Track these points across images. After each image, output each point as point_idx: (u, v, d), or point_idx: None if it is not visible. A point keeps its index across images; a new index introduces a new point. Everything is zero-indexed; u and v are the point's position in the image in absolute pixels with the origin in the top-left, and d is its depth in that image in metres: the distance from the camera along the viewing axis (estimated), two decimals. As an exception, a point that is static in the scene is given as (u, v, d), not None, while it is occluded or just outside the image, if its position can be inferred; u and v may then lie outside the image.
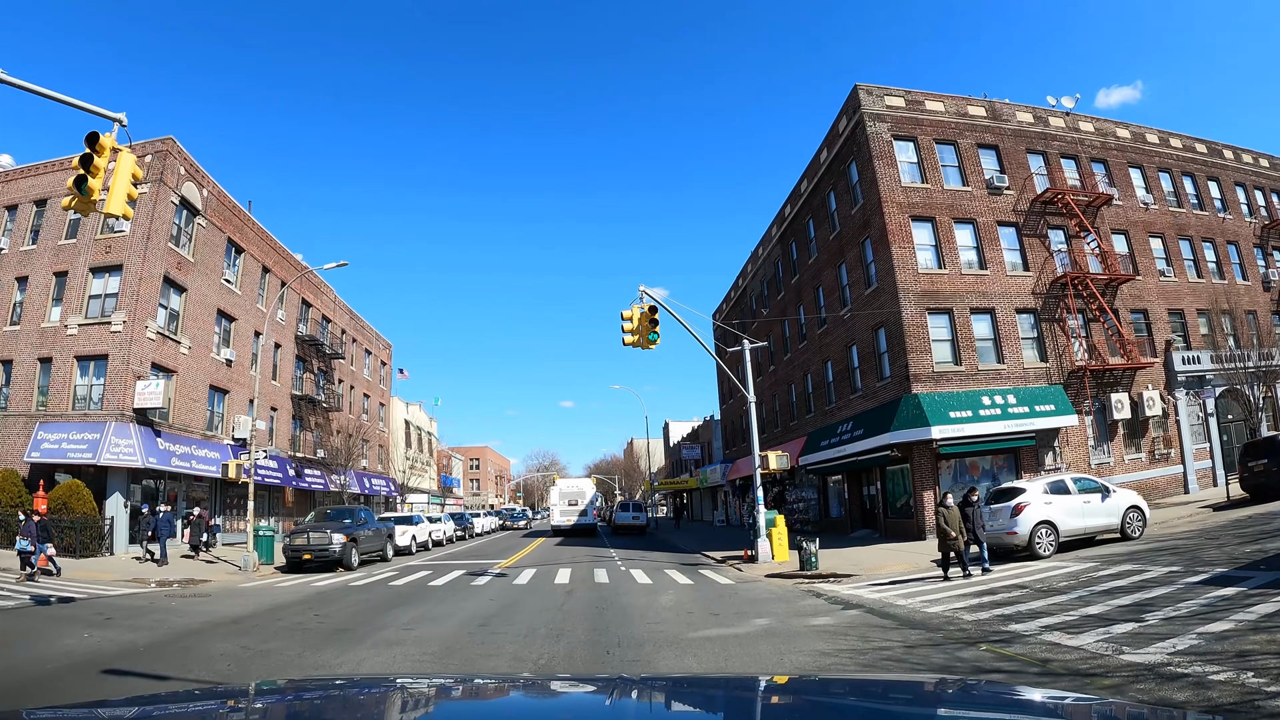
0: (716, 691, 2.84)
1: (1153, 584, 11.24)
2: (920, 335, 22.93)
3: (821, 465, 28.37)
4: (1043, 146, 27.14)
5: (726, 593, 15.27)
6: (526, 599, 14.73)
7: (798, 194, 32.10)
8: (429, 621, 12.10)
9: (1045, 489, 16.92)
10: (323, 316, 43.14)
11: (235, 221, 33.22)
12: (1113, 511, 17.33)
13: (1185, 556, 13.52)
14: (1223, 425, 27.87)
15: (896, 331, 23.20)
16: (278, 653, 9.58)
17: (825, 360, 29.76)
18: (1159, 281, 27.78)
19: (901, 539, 23.23)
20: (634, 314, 17.66)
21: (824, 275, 29.32)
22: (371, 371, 52.63)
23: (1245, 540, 14.36)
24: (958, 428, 21.80)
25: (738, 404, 43.89)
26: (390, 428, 56.04)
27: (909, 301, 23.09)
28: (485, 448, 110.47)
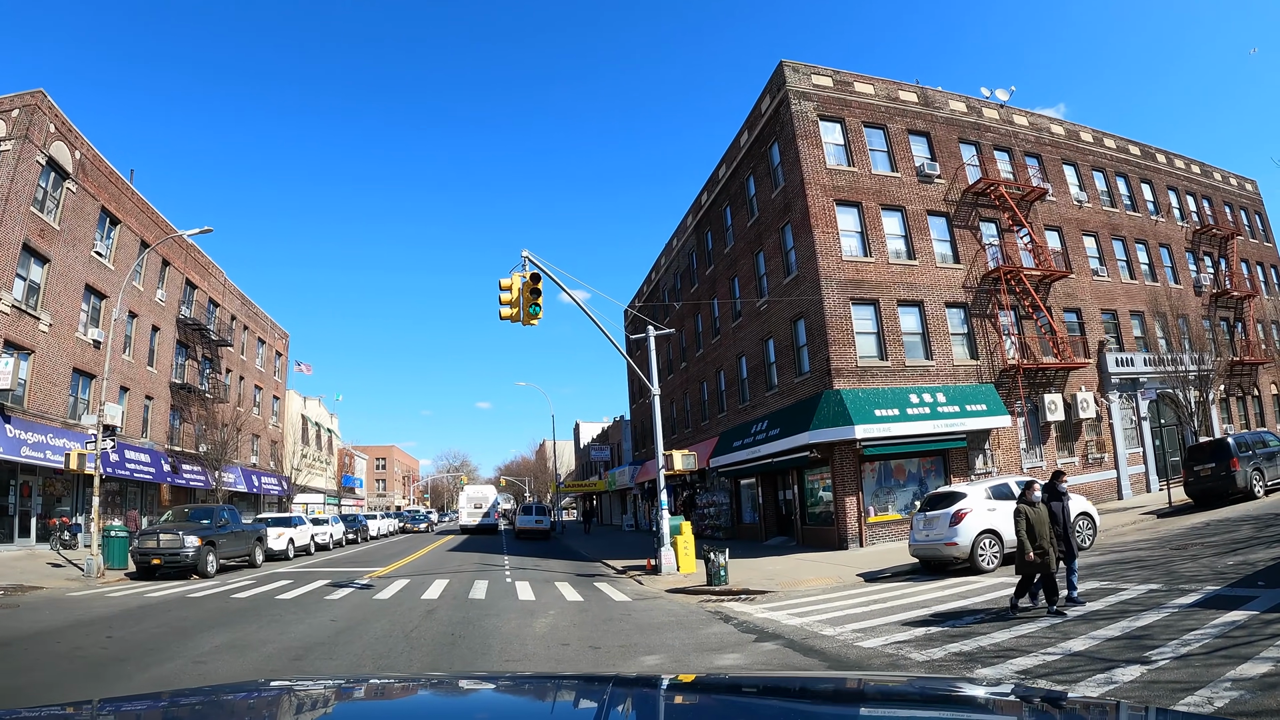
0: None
1: (1136, 608, 9.43)
2: (843, 327, 21.23)
3: (734, 467, 26.39)
4: (975, 137, 25.98)
5: (618, 614, 13.03)
6: (374, 620, 12.46)
7: (715, 180, 30.34)
8: (234, 651, 9.84)
9: (988, 494, 15.14)
10: (210, 300, 39.80)
11: (112, 190, 29.97)
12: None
13: (1158, 571, 11.87)
14: (1155, 430, 26.95)
15: (817, 322, 21.46)
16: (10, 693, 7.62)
17: (739, 355, 27.90)
18: (1092, 280, 26.79)
19: (820, 547, 21.37)
20: (513, 283, 15.39)
21: (740, 265, 27.54)
22: (265, 362, 49.21)
23: (1219, 550, 12.81)
24: (883, 427, 20.08)
25: (648, 403, 41.89)
26: (285, 423, 52.48)
27: (832, 290, 21.39)
28: (392, 447, 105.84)
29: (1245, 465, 19.55)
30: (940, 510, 15.01)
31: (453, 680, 3.57)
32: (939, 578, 14.58)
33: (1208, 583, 10.10)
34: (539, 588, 17.15)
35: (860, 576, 15.80)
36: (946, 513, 14.77)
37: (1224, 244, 32.63)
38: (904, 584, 14.44)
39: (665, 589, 16.66)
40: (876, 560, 17.75)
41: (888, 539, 20.70)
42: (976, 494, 15.11)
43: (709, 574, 16.44)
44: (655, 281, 40.64)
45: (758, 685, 2.92)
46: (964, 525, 14.48)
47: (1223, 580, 10.12)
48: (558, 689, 2.66)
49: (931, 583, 13.97)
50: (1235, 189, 35.84)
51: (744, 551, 22.65)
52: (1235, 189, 35.84)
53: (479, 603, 14.66)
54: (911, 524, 16.04)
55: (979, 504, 14.82)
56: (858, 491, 20.69)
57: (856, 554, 19.43)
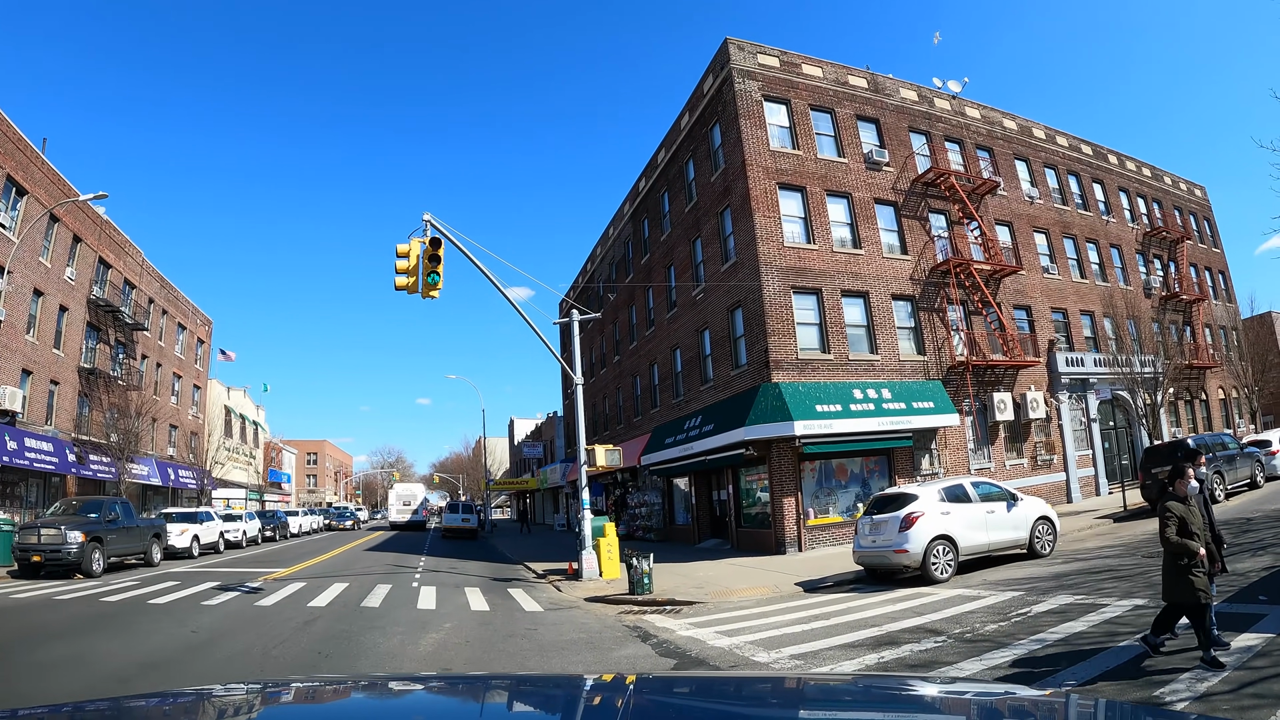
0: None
1: (1126, 628, 8.06)
2: (784, 317, 19.98)
3: (666, 465, 24.94)
4: (926, 126, 25.07)
5: (523, 628, 11.47)
6: (241, 633, 10.95)
7: (654, 166, 28.98)
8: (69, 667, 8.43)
9: (941, 496, 13.90)
10: (126, 281, 37.12)
11: (20, 158, 27.46)
12: (1020, 523, 14.47)
13: (1138, 583, 10.54)
14: (1104, 432, 26.28)
15: (756, 312, 20.17)
16: None
17: (673, 348, 26.51)
18: (1043, 278, 26.05)
19: (756, 552, 20.04)
20: (411, 249, 13.71)
21: (676, 253, 26.19)
22: (185, 349, 46.50)
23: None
24: (825, 423, 18.84)
25: (587, 395, 40.40)
26: (206, 413, 49.73)
27: (772, 277, 20.13)
28: (324, 442, 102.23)
29: (1206, 468, 18.77)
30: (889, 514, 13.64)
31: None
32: (887, 588, 13.20)
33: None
34: (445, 594, 15.58)
35: (799, 586, 14.41)
36: (896, 516, 13.42)
37: (1173, 247, 32.37)
38: (848, 595, 13.01)
39: (584, 597, 15.27)
40: (817, 567, 16.41)
41: (828, 543, 19.46)
42: (929, 496, 13.80)
43: (631, 581, 15.04)
44: (591, 273, 39.09)
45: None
46: (915, 530, 13.14)
47: (1217, 595, 8.89)
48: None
49: (879, 594, 12.56)
50: (1185, 194, 35.74)
51: (675, 555, 21.29)
52: (1185, 194, 35.74)
53: (370, 612, 13.12)
54: (856, 528, 14.63)
55: (932, 507, 13.51)
56: (796, 492, 19.40)
57: (795, 559, 18.12)
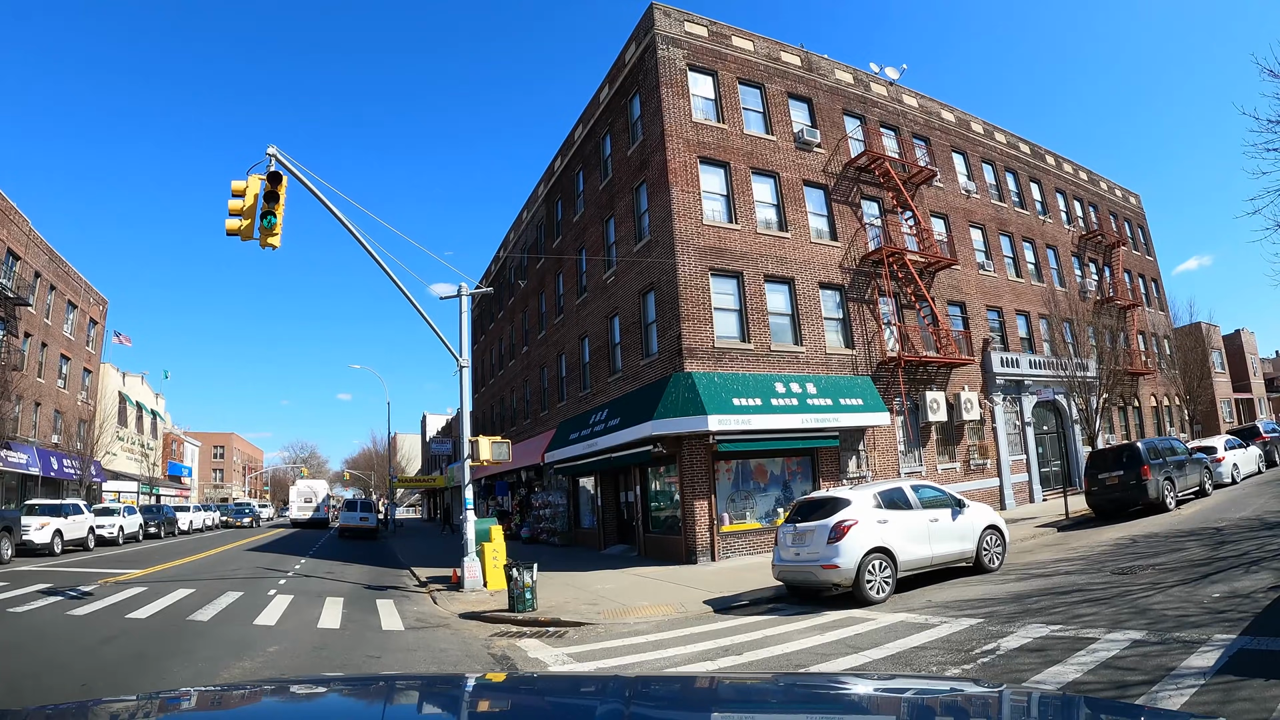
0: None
1: (1136, 675, 5.88)
2: (700, 300, 18.20)
3: (570, 463, 22.87)
4: (861, 110, 23.74)
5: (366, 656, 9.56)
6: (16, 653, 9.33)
7: (570, 143, 27.05)
8: None
9: (876, 501, 12.03)
10: (9, 251, 33.59)
11: None
12: (966, 534, 12.66)
13: (1123, 608, 8.45)
14: (1038, 437, 25.25)
15: (669, 295, 18.35)
16: None
17: (582, 336, 24.52)
18: (978, 274, 24.94)
19: (665, 560, 18.14)
20: (249, 186, 11.42)
21: (589, 234, 24.28)
22: (76, 329, 42.79)
23: (1183, 577, 9.72)
24: (743, 419, 17.05)
25: (491, 392, 38.39)
26: (98, 399, 45.81)
27: (689, 256, 18.35)
28: (233, 435, 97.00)
29: (1157, 474, 17.53)
30: (816, 522, 11.71)
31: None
32: (813, 610, 11.19)
33: (1210, 628, 6.89)
34: (298, 606, 13.55)
35: (709, 605, 12.41)
36: (824, 525, 11.50)
37: (1109, 252, 31.87)
38: (766, 619, 10.95)
39: (459, 612, 13.28)
40: (731, 580, 14.53)
41: (745, 552, 17.67)
42: (863, 501, 11.91)
43: (511, 596, 13.15)
44: (503, 260, 36.89)
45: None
46: (848, 542, 11.21)
47: (1229, 624, 6.95)
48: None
49: (803, 619, 10.50)
50: (1120, 200, 35.46)
51: (576, 563, 19.39)
52: (1120, 200, 35.46)
53: (193, 628, 11.22)
54: (776, 538, 12.61)
55: (866, 514, 11.64)
56: (710, 495, 17.56)
57: (706, 571, 16.26)
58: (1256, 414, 48.70)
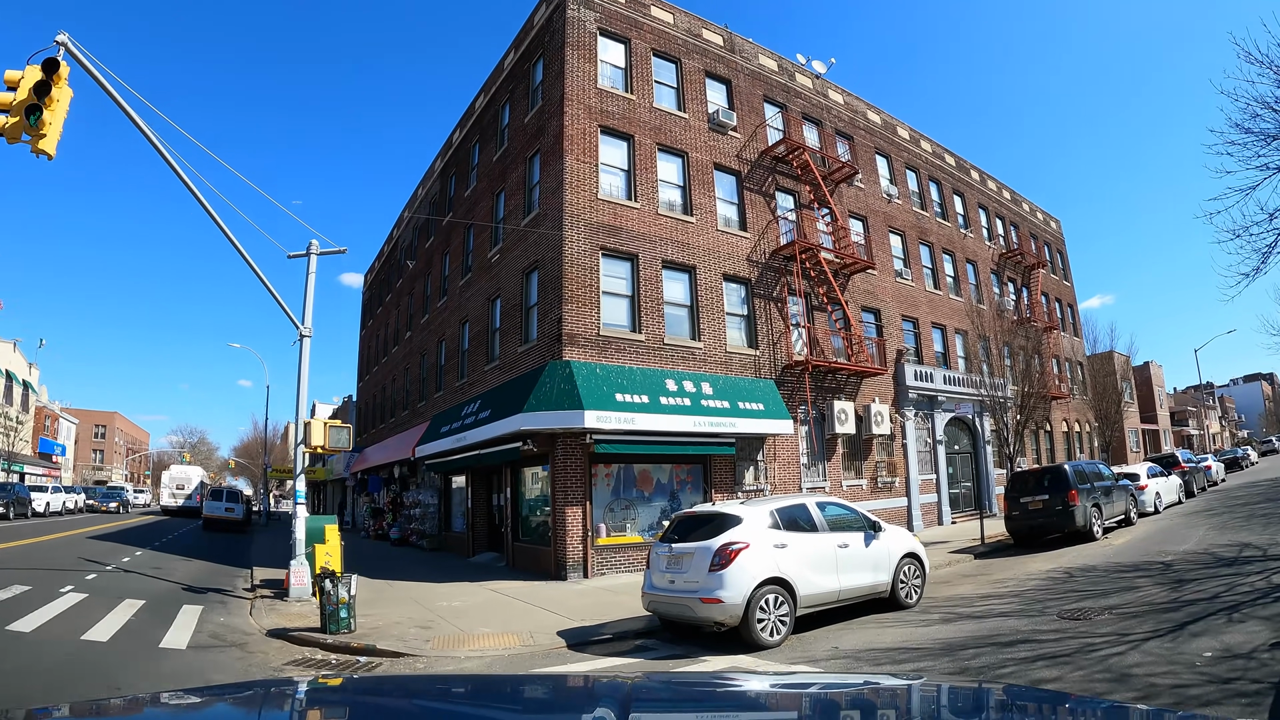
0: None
1: None
2: (587, 282, 16.26)
3: (440, 459, 20.50)
4: (784, 99, 22.35)
5: (105, 689, 7.71)
6: None
7: (470, 113, 24.89)
8: None
9: (774, 520, 9.83)
10: None
11: None
12: (881, 563, 10.66)
13: (1093, 669, 6.43)
14: (949, 456, 24.18)
15: (554, 273, 16.36)
16: None
17: (463, 321, 22.31)
18: (895, 282, 23.79)
19: (533, 574, 16.09)
20: (22, 76, 8.95)
21: (478, 209, 22.14)
22: None
23: (1154, 625, 7.86)
24: (626, 417, 15.10)
25: (375, 380, 35.76)
26: None
27: (577, 232, 16.41)
28: (115, 414, 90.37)
29: (1084, 500, 16.31)
30: (697, 543, 9.55)
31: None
32: (687, 652, 9.12)
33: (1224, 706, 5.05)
34: (84, 608, 11.75)
35: (564, 637, 10.29)
36: (706, 548, 9.32)
37: (1028, 273, 31.46)
38: (627, 661, 8.85)
39: (270, 627, 11.29)
40: (599, 604, 12.50)
41: (623, 569, 15.70)
42: (757, 520, 9.69)
43: (323, 613, 10.99)
44: (396, 239, 34.39)
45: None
46: (735, 570, 9.00)
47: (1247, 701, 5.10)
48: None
49: (673, 663, 8.56)
50: (1041, 223, 35.31)
51: (437, 571, 17.38)
52: (1041, 223, 35.31)
53: None
54: (648, 559, 10.41)
55: (760, 536, 9.48)
56: (584, 502, 15.55)
57: (574, 590, 14.21)
58: (1161, 445, 49.81)
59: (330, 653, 10.03)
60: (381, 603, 13.44)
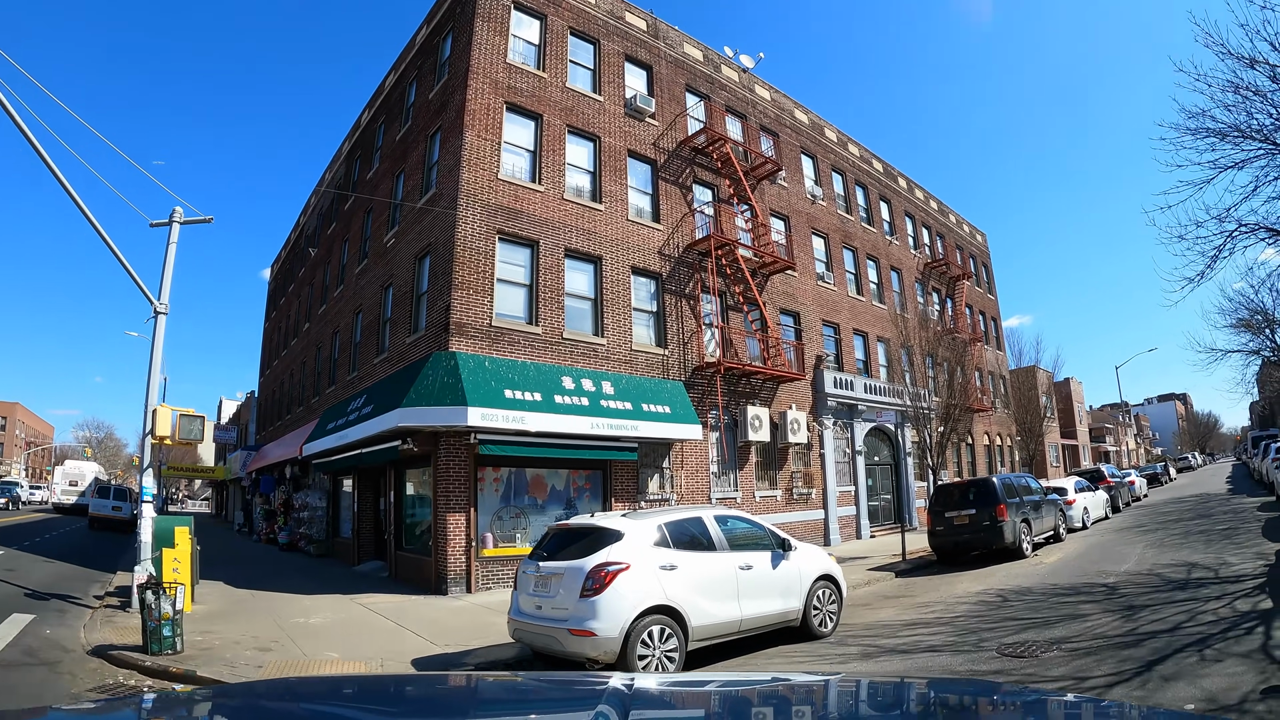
0: None
1: None
2: (480, 267, 15.04)
3: (326, 458, 18.89)
4: (707, 90, 21.57)
5: None
6: None
7: (380, 92, 23.45)
8: None
9: (662, 536, 8.47)
10: None
11: None
12: (791, 587, 9.40)
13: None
14: (868, 468, 23.66)
15: (445, 257, 15.11)
16: None
17: (357, 310, 20.83)
18: (817, 285, 23.21)
19: (414, 586, 14.77)
20: None
21: (379, 191, 20.68)
22: None
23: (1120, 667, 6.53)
24: (516, 415, 13.90)
25: (274, 375, 33.78)
26: None
27: (473, 213, 15.19)
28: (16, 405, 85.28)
29: (1014, 515, 15.52)
30: (567, 562, 8.16)
31: None
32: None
33: None
34: None
35: (417, 666, 8.99)
36: (578, 568, 7.94)
37: (953, 285, 31.44)
38: None
39: (99, 643, 9.87)
40: (476, 625, 11.22)
41: (511, 584, 14.36)
42: (641, 536, 8.32)
43: (144, 630, 9.69)
44: (302, 226, 32.54)
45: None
46: (611, 596, 7.65)
47: None
48: None
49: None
50: (967, 235, 35.48)
51: (314, 580, 16.00)
52: (967, 235, 35.48)
53: None
54: (516, 578, 8.95)
55: (644, 555, 8.13)
56: (469, 509, 14.27)
57: (451, 607, 12.93)
58: (1080, 460, 50.91)
59: (146, 676, 8.74)
60: (234, 616, 12.11)
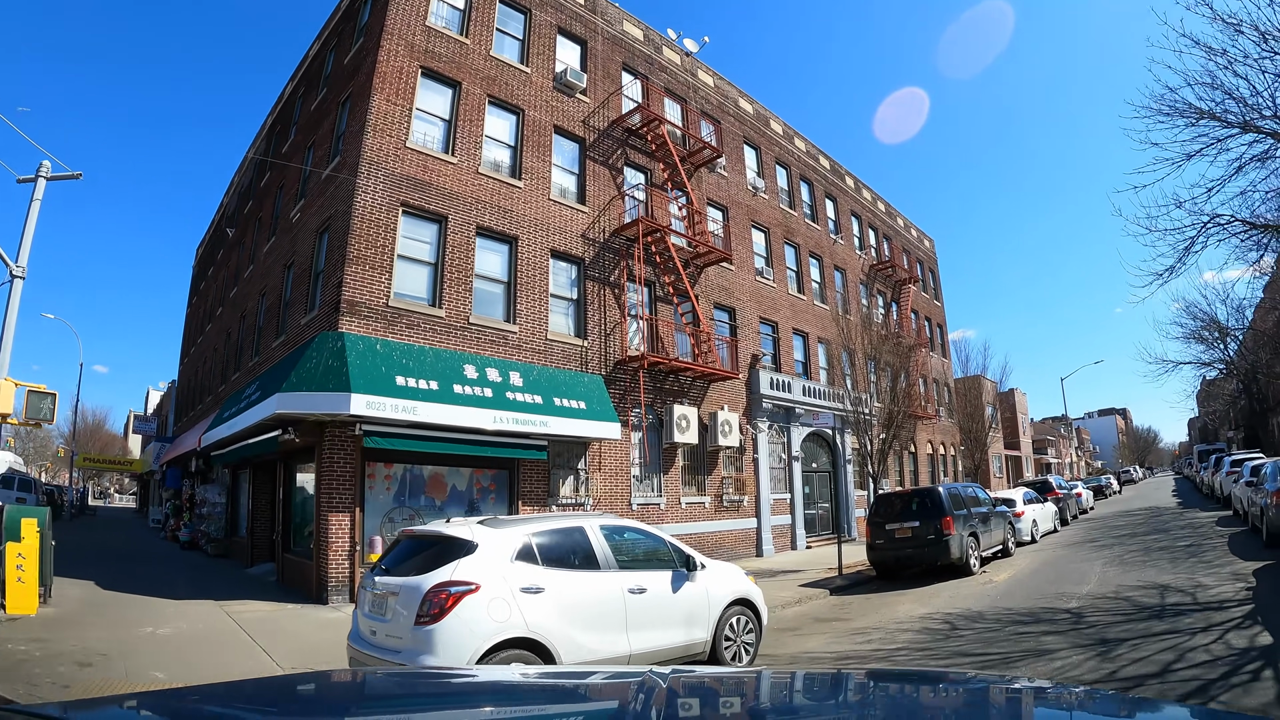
0: None
1: None
2: (380, 242, 13.80)
3: (219, 450, 17.37)
4: (646, 70, 20.64)
5: None
6: None
7: (303, 63, 21.94)
8: None
9: (525, 549, 6.83)
10: None
11: None
12: (696, 613, 7.83)
13: None
14: (805, 474, 22.90)
15: (342, 229, 13.85)
16: None
17: (263, 291, 19.41)
18: (755, 281, 22.42)
19: (299, 593, 13.50)
20: None
21: (293, 164, 19.37)
22: None
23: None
24: (407, 405, 12.65)
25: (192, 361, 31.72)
26: None
27: (376, 182, 13.96)
28: None
29: (961, 528, 14.49)
30: (406, 578, 6.51)
31: None
32: None
33: None
34: None
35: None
36: (415, 587, 6.29)
37: (899, 288, 31.04)
38: None
39: None
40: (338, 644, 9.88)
41: (401, 591, 13.21)
42: (497, 549, 6.67)
43: None
44: (225, 207, 30.75)
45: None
46: (453, 625, 6.06)
47: None
48: None
49: None
50: (915, 240, 35.20)
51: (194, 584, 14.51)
52: (915, 240, 35.20)
53: None
54: (357, 595, 7.68)
55: (500, 573, 6.49)
56: (354, 508, 13.00)
57: (328, 619, 11.60)
58: (1023, 472, 51.33)
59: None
60: (80, 622, 10.65)
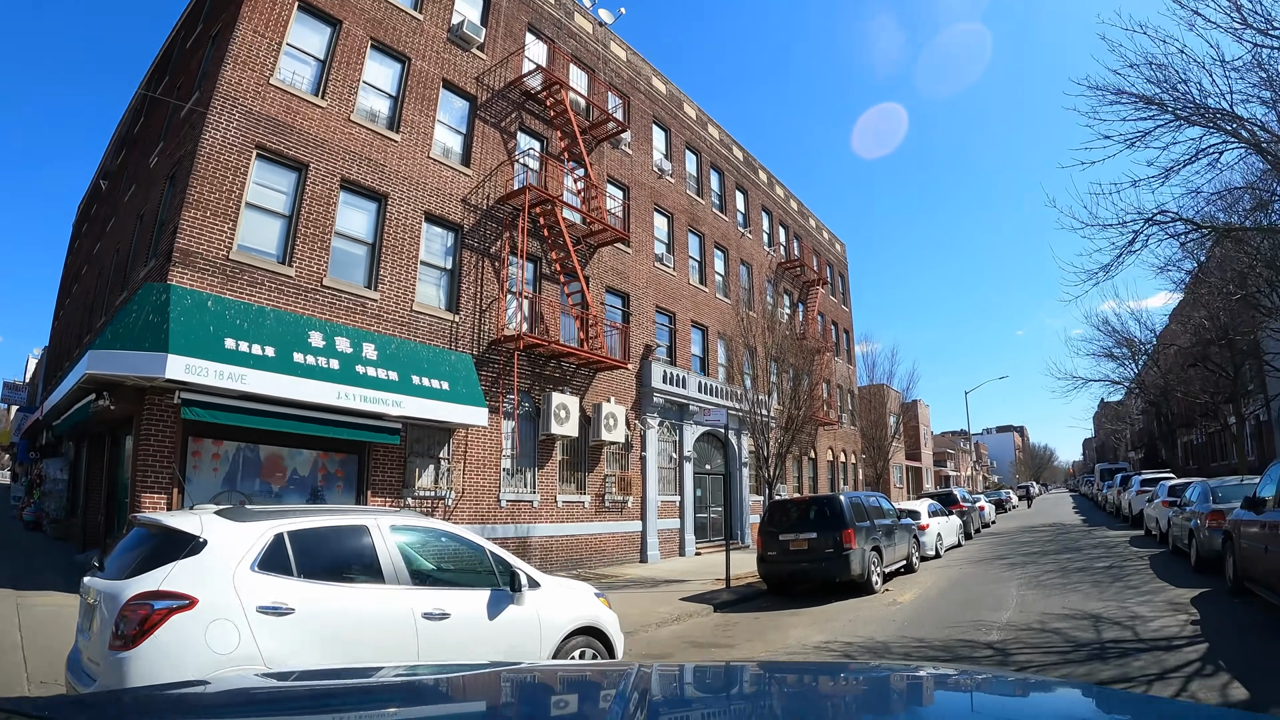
0: None
1: None
2: (226, 185, 12.36)
3: (54, 420, 15.30)
4: (553, 34, 19.63)
5: None
6: None
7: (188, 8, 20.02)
8: None
9: (273, 551, 4.70)
10: None
11: None
12: (522, 647, 5.70)
13: None
14: (698, 477, 22.31)
15: (186, 172, 12.36)
16: None
17: (117, 246, 17.66)
18: (653, 267, 21.72)
19: (76, 587, 11.87)
20: None
21: (160, 109, 17.49)
22: None
23: None
24: (235, 371, 11.22)
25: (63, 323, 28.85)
26: None
27: (229, 119, 12.50)
28: None
29: (863, 542, 13.36)
30: (110, 582, 4.57)
31: None
32: None
33: None
34: None
35: None
36: (114, 594, 4.35)
37: (807, 290, 30.90)
38: None
39: None
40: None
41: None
42: (233, 548, 4.61)
43: None
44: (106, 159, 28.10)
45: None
46: (152, 655, 4.06)
47: None
48: None
49: None
50: (826, 242, 35.23)
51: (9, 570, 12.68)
52: (826, 242, 35.23)
53: None
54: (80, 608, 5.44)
55: (231, 582, 4.45)
56: (173, 489, 11.56)
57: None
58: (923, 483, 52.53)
59: None
60: None
